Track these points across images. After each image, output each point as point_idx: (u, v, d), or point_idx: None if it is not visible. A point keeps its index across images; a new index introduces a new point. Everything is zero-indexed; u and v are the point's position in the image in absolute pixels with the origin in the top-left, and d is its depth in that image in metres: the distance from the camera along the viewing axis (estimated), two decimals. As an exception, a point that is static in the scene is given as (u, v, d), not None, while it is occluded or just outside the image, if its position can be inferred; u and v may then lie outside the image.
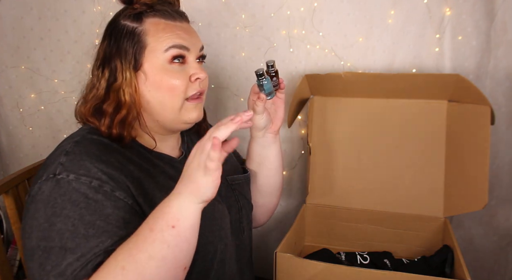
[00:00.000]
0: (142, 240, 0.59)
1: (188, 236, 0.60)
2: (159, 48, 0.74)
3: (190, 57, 0.77)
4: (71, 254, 0.60)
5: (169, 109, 0.75)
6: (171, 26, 0.75)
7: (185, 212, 0.60)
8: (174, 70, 0.74)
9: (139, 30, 0.74)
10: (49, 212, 0.62)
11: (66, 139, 0.74)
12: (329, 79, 1.10)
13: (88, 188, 0.64)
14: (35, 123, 1.41)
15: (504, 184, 1.16)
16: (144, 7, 0.75)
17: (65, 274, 0.59)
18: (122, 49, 0.74)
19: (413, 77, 1.11)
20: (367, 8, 1.16)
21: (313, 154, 1.16)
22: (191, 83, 0.76)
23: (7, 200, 0.88)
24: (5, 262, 0.84)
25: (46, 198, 0.64)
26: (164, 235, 0.58)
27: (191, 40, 0.77)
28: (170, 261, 0.59)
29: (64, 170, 0.65)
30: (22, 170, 0.96)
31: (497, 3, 1.07)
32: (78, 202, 0.63)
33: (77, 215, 0.62)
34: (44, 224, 0.62)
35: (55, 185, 0.64)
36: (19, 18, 1.33)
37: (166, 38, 0.74)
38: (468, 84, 1.00)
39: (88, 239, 0.61)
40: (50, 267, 0.59)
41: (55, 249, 0.60)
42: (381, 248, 1.11)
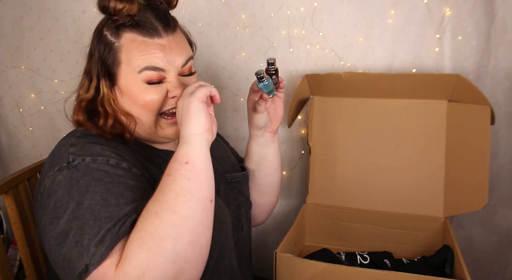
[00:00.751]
0: (164, 185, 0.62)
1: (203, 167, 0.64)
2: (132, 68, 0.72)
3: (169, 75, 0.73)
4: (106, 222, 0.60)
5: (145, 123, 0.76)
6: (147, 44, 0.71)
7: (192, 147, 0.64)
8: (149, 88, 0.73)
9: (115, 46, 0.73)
10: (75, 194, 0.62)
11: (65, 137, 0.74)
12: (329, 79, 1.10)
13: (107, 165, 0.66)
14: (35, 123, 1.41)
15: (504, 184, 1.16)
16: (126, 18, 0.71)
17: (105, 239, 0.59)
18: (99, 62, 0.74)
19: (413, 77, 1.11)
20: (367, 8, 1.16)
21: (313, 154, 1.16)
22: (168, 99, 0.74)
23: (7, 200, 0.88)
24: (5, 262, 0.84)
25: (67, 184, 0.64)
26: (181, 173, 0.62)
27: (168, 58, 0.72)
28: (195, 193, 0.62)
29: (77, 156, 0.66)
30: (22, 170, 0.96)
31: (497, 3, 1.07)
32: (101, 177, 0.64)
33: (104, 189, 0.63)
34: (72, 206, 0.62)
35: (74, 170, 0.65)
36: (19, 18, 1.33)
37: (139, 58, 0.71)
38: (468, 84, 1.00)
39: (120, 207, 0.62)
40: (87, 241, 0.59)
41: (89, 223, 0.60)
42: (381, 248, 1.11)
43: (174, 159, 0.64)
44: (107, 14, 0.74)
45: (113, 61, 0.73)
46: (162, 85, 0.74)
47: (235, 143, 1.32)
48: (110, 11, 0.72)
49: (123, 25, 0.72)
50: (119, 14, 0.71)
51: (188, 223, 0.60)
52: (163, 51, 0.72)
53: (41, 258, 0.93)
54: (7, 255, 0.90)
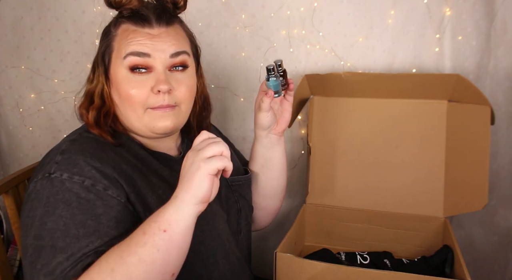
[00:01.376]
0: (134, 243, 0.59)
1: (179, 241, 0.60)
2: (119, 55, 0.73)
3: (157, 65, 0.72)
4: (61, 253, 0.60)
5: (131, 116, 0.74)
6: (136, 32, 0.72)
7: (178, 215, 0.59)
8: (134, 79, 0.72)
9: (112, 35, 0.75)
10: (42, 211, 0.63)
11: (64, 138, 0.76)
12: (329, 79, 1.10)
13: (80, 187, 0.65)
14: (35, 123, 1.41)
15: (504, 184, 1.16)
16: (128, 11, 0.74)
17: (54, 273, 0.59)
18: (99, 53, 0.77)
19: (413, 77, 1.11)
20: (367, 8, 1.16)
21: (313, 154, 1.16)
22: (154, 95, 0.72)
23: (7, 200, 0.88)
24: (5, 262, 0.84)
25: (40, 197, 0.65)
26: (155, 239, 0.58)
27: (155, 45, 0.72)
28: (159, 265, 0.58)
29: (58, 169, 0.66)
30: (22, 170, 0.96)
31: (497, 3, 1.07)
32: (71, 201, 0.64)
33: (69, 215, 0.63)
34: (37, 223, 0.63)
35: (49, 184, 0.65)
36: (19, 18, 1.33)
37: (126, 44, 0.72)
38: (468, 84, 1.00)
39: (78, 239, 0.61)
40: (40, 266, 0.60)
41: (46, 248, 0.61)
42: (381, 248, 1.11)
43: (156, 219, 0.60)
44: (112, 8, 0.77)
45: (107, 49, 0.75)
46: (147, 77, 0.72)
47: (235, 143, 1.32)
48: (112, 4, 0.75)
49: (122, 17, 0.75)
50: (122, 7, 0.74)
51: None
52: (151, 39, 0.72)
53: (41, 258, 0.93)
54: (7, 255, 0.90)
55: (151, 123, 0.73)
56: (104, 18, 1.29)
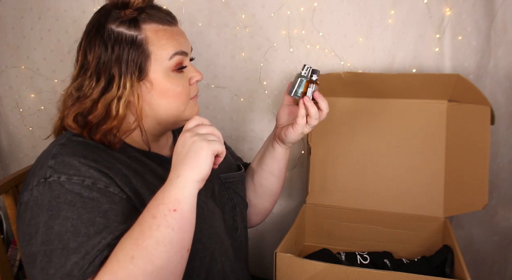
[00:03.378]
0: (147, 228, 0.59)
1: (189, 217, 0.62)
2: (163, 56, 0.72)
3: (186, 60, 0.77)
4: (75, 253, 0.58)
5: (175, 113, 0.77)
6: (169, 32, 0.74)
7: (186, 193, 0.61)
8: (176, 77, 0.75)
9: (140, 38, 0.71)
10: (46, 216, 0.61)
11: (51, 144, 0.73)
12: (329, 79, 1.10)
13: (81, 187, 0.64)
14: (35, 123, 1.41)
15: (504, 184, 1.16)
16: (136, 12, 0.72)
17: (72, 274, 0.57)
18: (123, 58, 0.70)
19: (413, 77, 1.11)
20: (367, 8, 1.16)
21: (313, 154, 1.16)
22: (191, 86, 0.78)
23: (7, 200, 0.88)
24: (5, 262, 0.84)
25: (41, 202, 0.63)
26: (168, 220, 0.59)
27: (186, 43, 0.77)
28: (176, 243, 0.60)
29: (54, 172, 0.64)
30: (22, 170, 0.96)
31: (497, 3, 1.07)
32: (74, 202, 0.62)
33: (75, 215, 0.61)
34: (42, 228, 0.61)
35: (48, 188, 0.63)
36: (19, 18, 1.33)
37: (169, 45, 0.73)
38: (468, 84, 1.00)
39: (90, 237, 0.60)
40: (53, 270, 0.58)
41: (57, 251, 0.59)
42: (381, 248, 1.11)
43: (163, 201, 0.61)
44: (118, 8, 0.72)
45: (141, 55, 0.71)
46: (184, 73, 0.77)
47: (235, 143, 1.32)
48: (127, 4, 0.72)
49: (137, 18, 0.72)
50: (133, 7, 0.72)
51: (162, 273, 0.59)
52: (182, 36, 0.76)
53: (41, 258, 0.93)
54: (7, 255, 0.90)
55: (191, 113, 0.78)
56: (104, 18, 1.29)
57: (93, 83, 0.71)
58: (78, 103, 0.72)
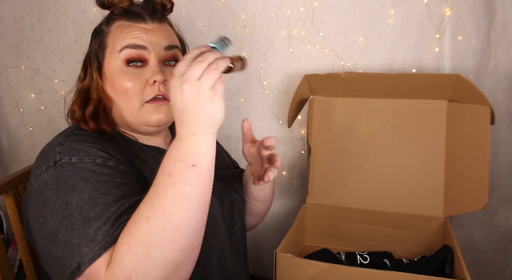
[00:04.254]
0: (162, 188, 0.57)
1: (209, 171, 0.59)
2: (114, 49, 0.74)
3: (150, 57, 0.74)
4: (96, 221, 0.59)
5: (127, 111, 0.75)
6: (131, 27, 0.74)
7: (204, 147, 0.58)
8: (129, 72, 0.73)
9: (104, 32, 0.76)
10: (62, 193, 0.61)
11: (54, 137, 0.74)
12: (329, 79, 1.10)
13: (93, 164, 0.65)
14: (35, 123, 1.41)
15: (504, 184, 1.16)
16: (120, 10, 0.76)
17: (96, 239, 0.57)
18: (92, 51, 0.77)
19: (413, 77, 1.11)
20: (367, 8, 1.16)
21: (313, 154, 1.16)
22: (150, 86, 0.73)
23: (7, 200, 0.88)
24: (6, 262, 0.84)
25: (54, 183, 0.63)
26: (185, 176, 0.57)
27: (150, 39, 0.74)
28: (196, 199, 0.58)
29: (64, 155, 0.65)
30: (22, 170, 0.96)
31: (497, 3, 1.07)
32: (89, 177, 0.63)
33: (91, 188, 0.62)
34: (60, 206, 0.61)
35: (60, 170, 0.64)
36: (19, 18, 1.33)
37: (122, 38, 0.74)
38: (468, 84, 1.00)
39: (108, 205, 0.60)
40: (77, 240, 0.58)
41: (78, 222, 0.59)
42: (381, 248, 1.11)
43: (179, 158, 0.57)
44: (104, 8, 0.78)
45: (100, 46, 0.76)
46: (142, 70, 0.74)
47: (235, 143, 1.32)
48: (105, 4, 0.77)
49: (115, 15, 0.76)
50: (114, 6, 0.76)
51: (182, 229, 0.57)
52: (146, 33, 0.74)
53: (41, 258, 0.93)
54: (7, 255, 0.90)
55: (146, 117, 0.74)
56: (104, 18, 1.30)
57: (81, 74, 0.79)
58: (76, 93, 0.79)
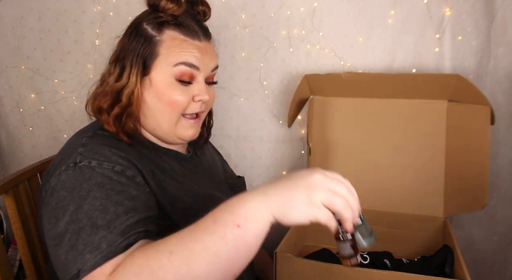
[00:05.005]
0: (200, 230, 0.53)
1: (250, 242, 0.53)
2: (169, 61, 0.75)
3: (199, 77, 0.77)
4: (103, 229, 0.58)
5: (166, 121, 0.77)
6: (188, 43, 0.76)
7: (258, 215, 0.53)
8: (178, 87, 0.76)
9: (156, 39, 0.75)
10: (76, 197, 0.61)
11: (77, 134, 0.75)
12: (329, 79, 1.10)
13: (111, 172, 0.65)
14: (35, 123, 1.41)
15: (504, 184, 1.16)
16: (169, 17, 0.76)
17: (101, 247, 0.56)
18: (135, 52, 0.75)
19: (413, 77, 1.11)
20: (367, 8, 1.16)
21: (313, 154, 1.16)
22: (193, 103, 0.78)
23: (7, 200, 0.88)
24: (5, 262, 0.84)
25: (70, 185, 0.63)
26: (226, 231, 0.52)
27: (203, 59, 0.77)
28: (223, 261, 0.52)
29: (84, 158, 0.66)
30: (22, 170, 0.96)
31: (497, 3, 1.07)
32: (104, 183, 0.63)
33: (104, 195, 0.61)
34: (71, 209, 0.60)
35: (79, 172, 0.64)
36: (19, 18, 1.33)
37: (178, 53, 0.75)
38: (468, 84, 1.00)
39: (118, 215, 0.59)
40: (82, 246, 0.57)
41: (86, 228, 0.58)
42: (381, 248, 1.11)
43: (231, 210, 0.53)
44: (153, 10, 0.77)
45: (150, 53, 0.75)
46: (189, 87, 0.77)
47: (235, 143, 1.32)
48: (158, 7, 0.76)
49: (166, 22, 0.76)
50: (165, 12, 0.75)
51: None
52: (200, 52, 0.76)
53: (41, 258, 0.93)
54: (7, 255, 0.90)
55: (181, 131, 0.78)
56: (104, 18, 1.30)
57: (111, 69, 0.77)
58: (100, 87, 0.77)
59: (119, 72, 0.75)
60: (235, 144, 1.32)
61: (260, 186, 0.56)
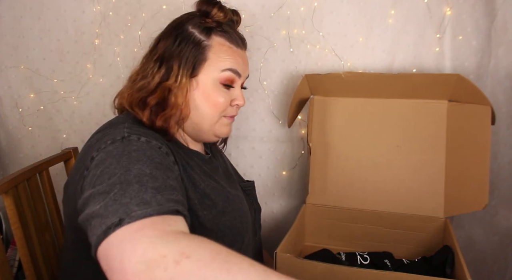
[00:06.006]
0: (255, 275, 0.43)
1: None
2: (217, 66, 0.80)
3: (238, 82, 0.84)
4: (153, 190, 0.53)
5: (208, 120, 0.82)
6: (233, 50, 0.82)
7: None
8: (221, 90, 0.81)
9: (205, 44, 0.79)
10: (125, 162, 0.58)
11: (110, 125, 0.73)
12: (329, 79, 1.10)
13: (159, 150, 0.66)
14: (35, 123, 1.41)
15: (504, 184, 1.16)
16: (215, 24, 0.81)
17: (150, 203, 0.50)
18: (184, 54, 0.78)
19: (413, 77, 1.11)
20: (367, 8, 1.16)
21: (313, 154, 1.16)
22: (230, 106, 0.84)
23: (7, 200, 0.88)
24: (5, 262, 0.84)
25: (118, 153, 0.60)
26: None
27: (244, 67, 0.84)
28: None
29: (133, 133, 0.66)
30: (22, 170, 0.95)
31: (497, 3, 1.07)
32: (153, 157, 0.62)
33: (153, 167, 0.59)
34: (120, 172, 0.56)
35: (127, 143, 0.63)
36: (19, 17, 1.33)
37: (226, 59, 0.80)
38: (469, 84, 1.00)
39: (166, 187, 0.56)
40: (128, 199, 0.51)
41: (134, 186, 0.53)
42: (381, 248, 1.11)
43: None
44: (201, 15, 0.82)
45: (200, 57, 0.79)
46: (230, 91, 0.83)
47: (236, 142, 1.32)
48: (209, 14, 0.81)
49: (213, 28, 0.81)
50: (213, 18, 0.81)
51: None
52: (242, 60, 0.84)
53: (40, 258, 0.93)
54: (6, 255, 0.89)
55: (220, 129, 0.84)
56: (104, 18, 1.29)
57: (155, 68, 0.79)
58: (141, 81, 0.78)
59: (165, 72, 0.78)
60: (235, 144, 1.32)
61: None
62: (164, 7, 1.26)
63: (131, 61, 1.31)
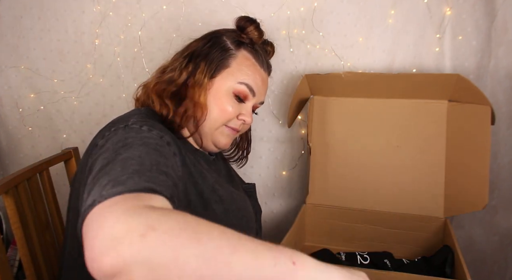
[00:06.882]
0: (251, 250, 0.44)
1: None
2: (235, 76, 0.82)
3: (250, 101, 0.85)
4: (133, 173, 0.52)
5: (211, 123, 0.82)
6: (255, 68, 0.85)
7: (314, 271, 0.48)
8: (233, 100, 0.83)
9: (231, 52, 0.83)
10: (117, 146, 0.60)
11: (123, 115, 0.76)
12: (329, 79, 1.10)
13: (158, 137, 0.66)
14: (35, 123, 1.41)
15: (504, 185, 1.16)
16: (248, 40, 0.85)
17: (125, 183, 0.50)
18: (210, 56, 0.82)
19: (413, 77, 1.11)
20: (367, 8, 1.16)
21: (313, 154, 1.16)
22: (236, 119, 0.85)
23: (7, 200, 0.88)
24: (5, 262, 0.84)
25: (116, 139, 0.63)
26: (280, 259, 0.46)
27: (260, 89, 0.86)
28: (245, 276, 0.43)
29: (136, 122, 0.68)
30: (21, 170, 0.95)
31: (497, 3, 1.07)
32: (148, 143, 0.62)
33: (145, 152, 0.59)
34: (110, 156, 0.58)
35: (127, 130, 0.65)
36: (19, 17, 1.33)
37: (245, 73, 0.83)
38: (469, 84, 1.00)
39: (151, 170, 0.55)
40: (106, 181, 0.51)
41: (116, 170, 0.53)
42: (381, 248, 1.11)
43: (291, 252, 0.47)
44: (238, 30, 0.87)
45: (223, 61, 0.82)
46: (240, 105, 0.84)
47: (235, 143, 1.32)
48: (245, 30, 0.85)
49: (245, 44, 0.85)
50: (248, 35, 0.85)
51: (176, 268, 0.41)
52: (261, 81, 0.86)
53: (40, 258, 0.93)
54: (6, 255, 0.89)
55: (218, 137, 0.84)
56: (104, 18, 1.30)
57: (183, 64, 0.83)
58: (169, 74, 0.82)
59: (192, 69, 0.82)
60: (235, 144, 1.32)
61: None
62: (164, 7, 1.26)
63: (131, 61, 1.32)
